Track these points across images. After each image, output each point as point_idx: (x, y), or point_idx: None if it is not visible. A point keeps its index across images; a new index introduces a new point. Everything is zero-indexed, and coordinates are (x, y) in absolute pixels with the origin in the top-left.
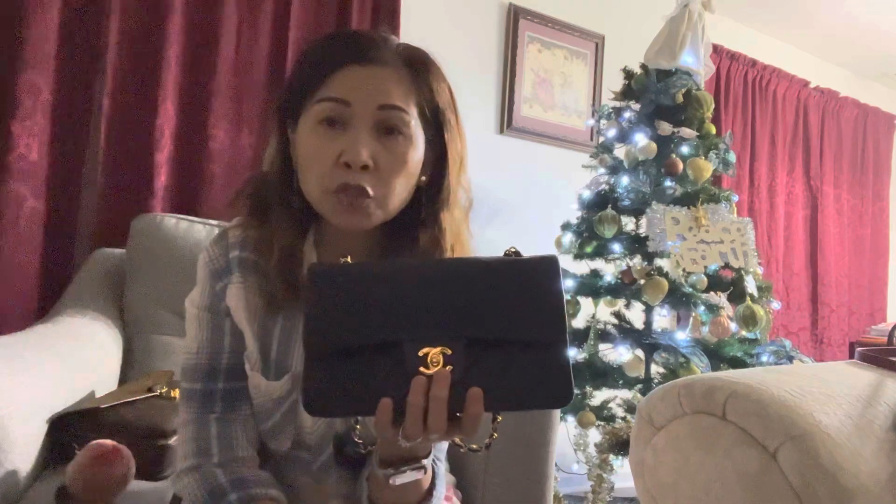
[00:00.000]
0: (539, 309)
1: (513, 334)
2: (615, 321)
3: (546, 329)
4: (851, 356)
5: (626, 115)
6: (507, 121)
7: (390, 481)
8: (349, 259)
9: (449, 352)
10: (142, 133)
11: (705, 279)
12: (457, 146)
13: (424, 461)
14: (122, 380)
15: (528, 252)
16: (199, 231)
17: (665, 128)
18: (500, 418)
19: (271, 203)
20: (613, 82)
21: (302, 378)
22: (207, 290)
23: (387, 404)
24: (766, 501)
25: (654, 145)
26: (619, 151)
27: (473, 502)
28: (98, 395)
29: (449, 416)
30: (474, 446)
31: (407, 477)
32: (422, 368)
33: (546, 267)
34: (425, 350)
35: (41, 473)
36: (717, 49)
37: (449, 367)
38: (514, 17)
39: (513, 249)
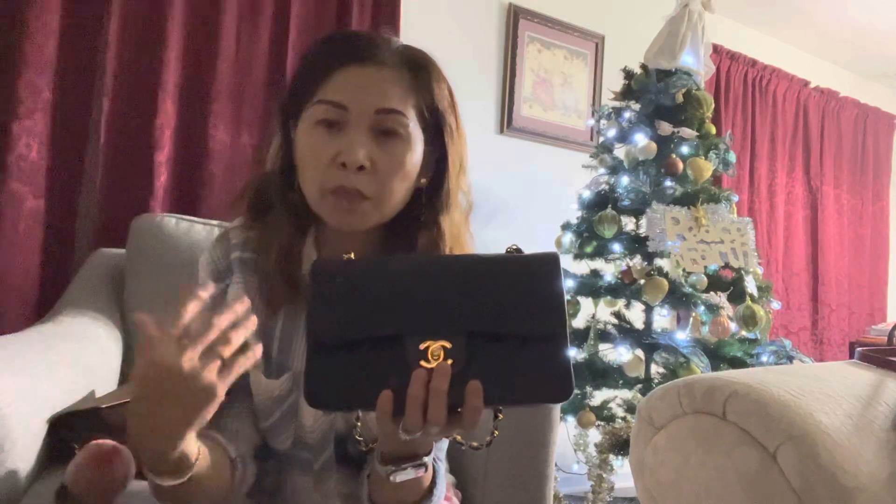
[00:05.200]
0: (540, 304)
1: (513, 329)
2: (615, 321)
3: (546, 324)
4: (851, 356)
5: (626, 115)
6: (507, 121)
7: (391, 478)
8: (352, 255)
9: (449, 346)
10: (142, 133)
11: (705, 279)
12: (457, 149)
13: (425, 458)
14: (122, 380)
15: (528, 252)
16: (199, 231)
17: (665, 128)
18: (501, 416)
19: (273, 202)
20: (613, 82)
21: (304, 371)
22: None
23: (387, 396)
24: (766, 501)
25: (654, 145)
26: (619, 151)
27: (473, 502)
28: (98, 395)
29: (449, 411)
30: (475, 444)
31: (408, 474)
32: (422, 362)
33: (547, 263)
34: (426, 344)
35: (41, 473)
36: (717, 49)
37: (449, 361)
38: (514, 17)
39: (514, 246)
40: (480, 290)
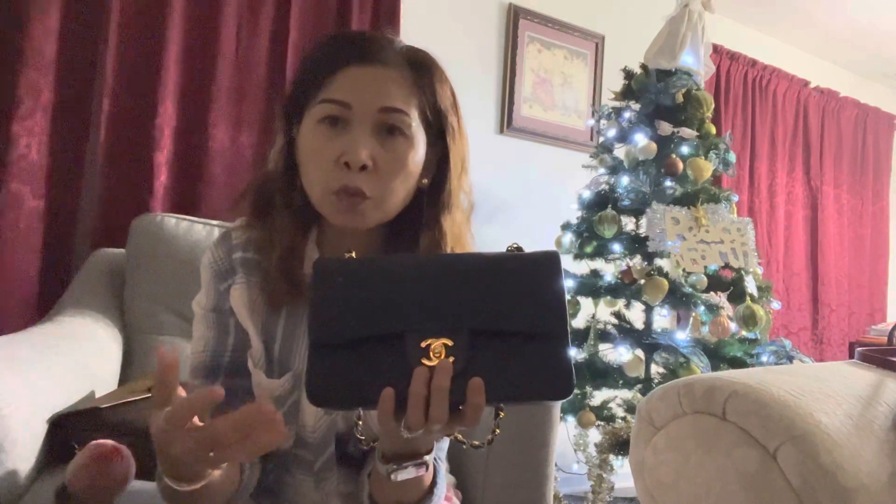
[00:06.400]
0: (540, 302)
1: (514, 326)
2: (615, 321)
3: (547, 322)
4: (851, 356)
5: (626, 115)
6: (507, 121)
7: (392, 477)
8: (353, 254)
9: (451, 344)
10: (142, 133)
11: (705, 279)
12: (458, 149)
13: (426, 457)
14: (122, 380)
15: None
16: (199, 231)
17: (665, 128)
18: (502, 414)
19: (274, 201)
20: (613, 82)
21: (306, 369)
22: (212, 292)
23: (389, 394)
24: (766, 501)
25: (654, 145)
26: (619, 151)
27: (473, 502)
28: (98, 395)
29: (451, 409)
30: (476, 443)
31: (408, 473)
32: (424, 360)
33: (547, 261)
34: (428, 342)
35: (41, 473)
36: (717, 49)
37: (451, 359)
38: (514, 17)
39: (515, 245)
40: (481, 288)
